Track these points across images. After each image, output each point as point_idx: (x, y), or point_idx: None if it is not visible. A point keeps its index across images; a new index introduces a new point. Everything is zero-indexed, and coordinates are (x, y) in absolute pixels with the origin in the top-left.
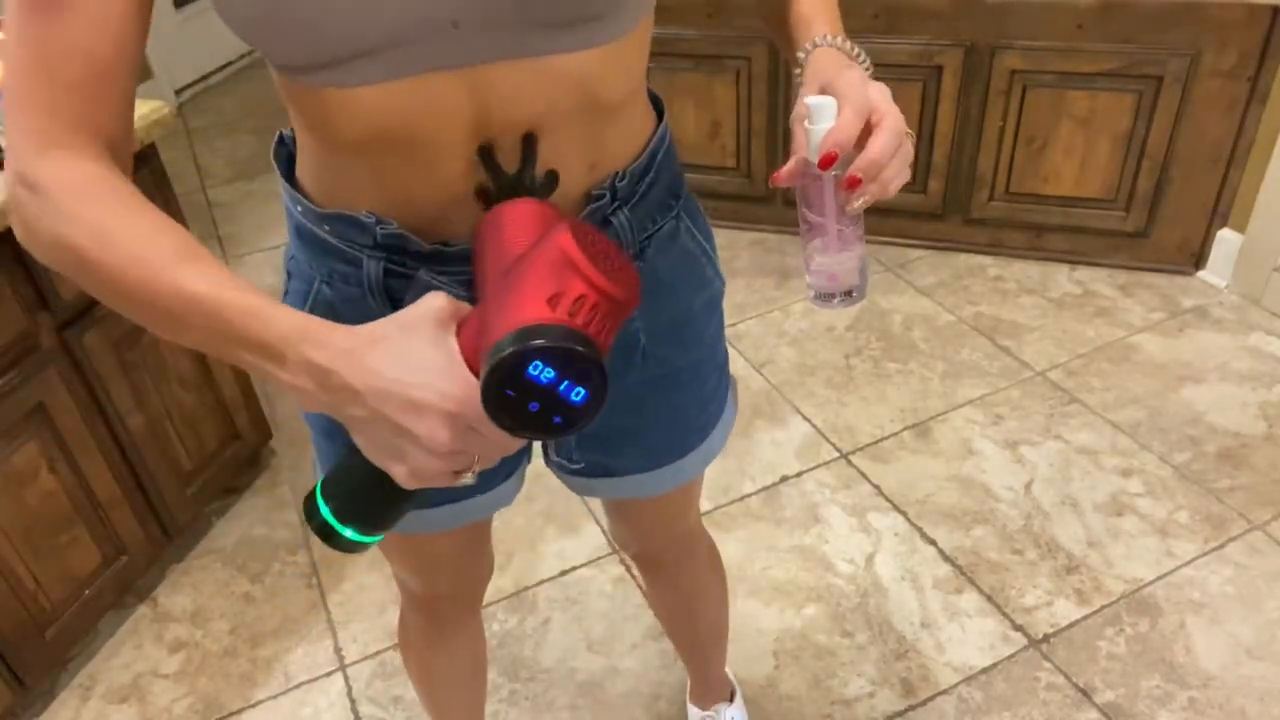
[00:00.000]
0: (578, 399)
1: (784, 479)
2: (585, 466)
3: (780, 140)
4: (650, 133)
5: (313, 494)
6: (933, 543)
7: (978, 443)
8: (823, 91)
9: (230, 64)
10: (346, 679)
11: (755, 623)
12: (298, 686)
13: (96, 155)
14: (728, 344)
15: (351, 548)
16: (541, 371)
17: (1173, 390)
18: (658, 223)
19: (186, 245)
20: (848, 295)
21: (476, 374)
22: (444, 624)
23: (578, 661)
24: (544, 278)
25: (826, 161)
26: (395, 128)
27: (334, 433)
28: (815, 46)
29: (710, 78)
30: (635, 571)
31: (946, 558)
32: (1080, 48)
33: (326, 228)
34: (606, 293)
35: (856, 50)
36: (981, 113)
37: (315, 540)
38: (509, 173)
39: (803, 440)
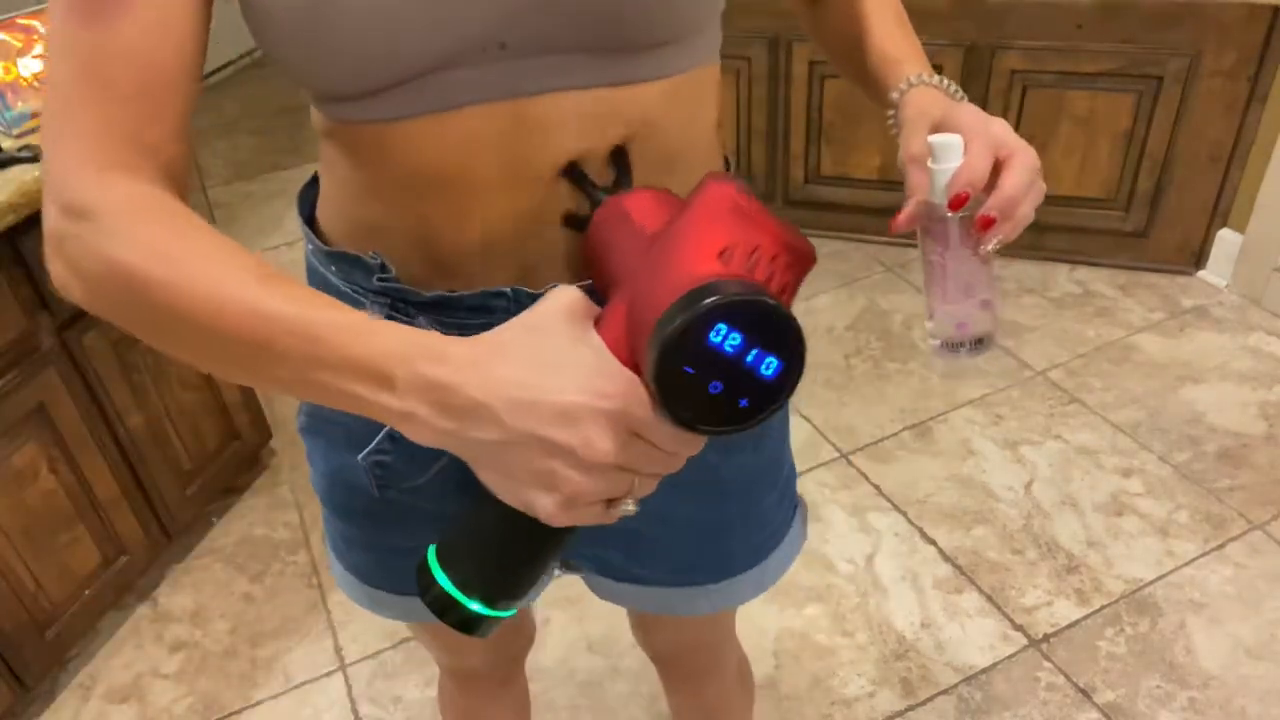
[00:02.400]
0: (769, 372)
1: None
2: (612, 570)
3: (780, 140)
4: None
5: (425, 560)
6: (933, 543)
7: (978, 443)
8: (937, 129)
9: (230, 64)
10: (346, 679)
11: (755, 623)
12: (298, 686)
13: (153, 178)
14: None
15: (476, 625)
16: (726, 337)
17: (1173, 390)
18: None
19: (262, 265)
20: (978, 344)
21: (632, 368)
22: (480, 694)
23: (578, 661)
24: (709, 232)
25: (958, 203)
26: (431, 166)
27: (351, 511)
28: (911, 86)
29: None
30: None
31: (946, 558)
32: (1080, 48)
33: (333, 268)
34: (786, 242)
35: (954, 88)
36: None
37: (315, 539)
38: (603, 188)
39: (803, 440)
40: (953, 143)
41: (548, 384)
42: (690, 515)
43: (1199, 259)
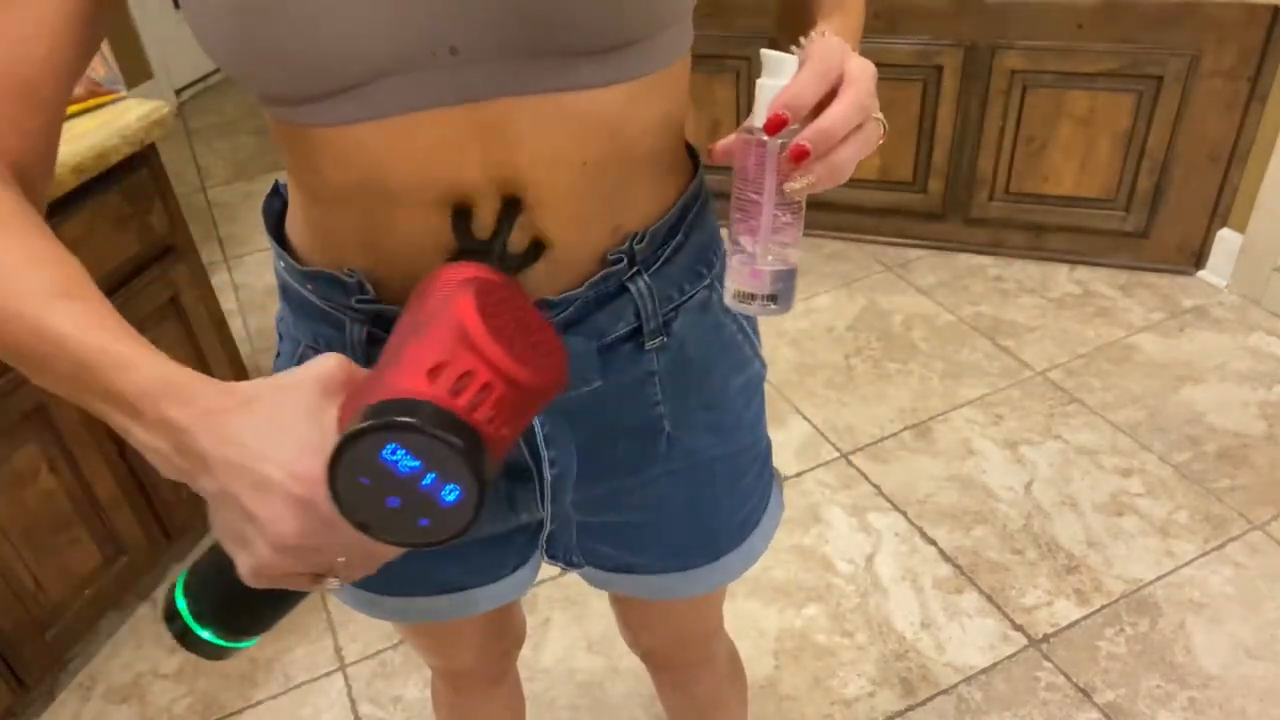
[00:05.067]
0: (449, 499)
1: (784, 479)
2: (602, 561)
3: None
4: (682, 187)
5: (173, 587)
6: (933, 543)
7: (978, 443)
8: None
9: None
10: (346, 679)
11: (755, 623)
12: (298, 686)
13: None
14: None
15: (212, 653)
16: (400, 458)
17: (1173, 390)
18: (685, 292)
19: (69, 281)
20: (770, 300)
21: None
22: (472, 693)
23: (578, 661)
24: (431, 345)
25: (774, 125)
26: (386, 174)
27: None
28: (811, 41)
29: (710, 78)
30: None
31: (946, 558)
32: (1080, 48)
33: (309, 286)
34: (504, 372)
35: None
36: (981, 113)
37: None
38: (479, 240)
39: (803, 440)
40: (785, 59)
41: (260, 450)
42: (684, 499)
43: (1199, 259)
